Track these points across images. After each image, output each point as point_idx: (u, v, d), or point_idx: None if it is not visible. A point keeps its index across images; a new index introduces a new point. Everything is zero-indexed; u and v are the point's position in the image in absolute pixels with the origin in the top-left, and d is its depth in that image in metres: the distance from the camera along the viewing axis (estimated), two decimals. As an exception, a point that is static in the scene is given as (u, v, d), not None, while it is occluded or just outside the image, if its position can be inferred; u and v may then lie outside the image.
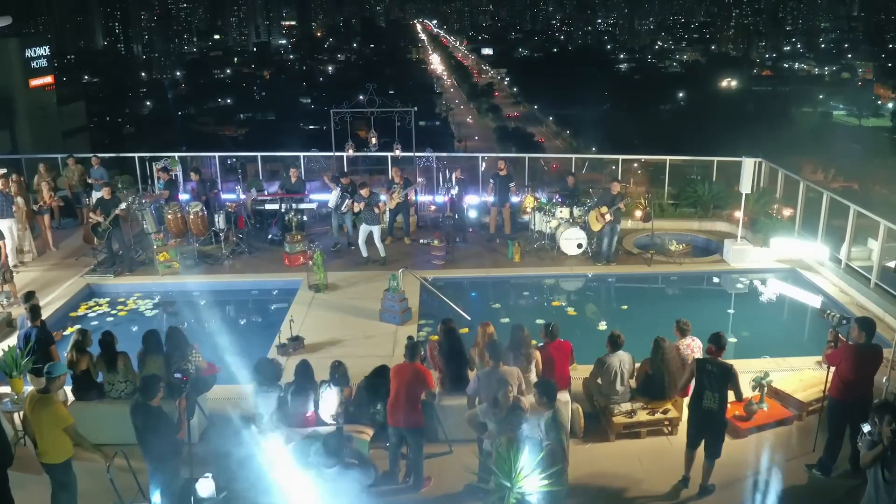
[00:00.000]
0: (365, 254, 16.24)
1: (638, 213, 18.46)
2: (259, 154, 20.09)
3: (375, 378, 10.10)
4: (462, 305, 14.19)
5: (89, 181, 18.85)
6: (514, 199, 17.76)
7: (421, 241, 17.56)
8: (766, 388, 10.35)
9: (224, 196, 19.17)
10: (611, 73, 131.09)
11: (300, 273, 15.32)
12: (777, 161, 18.49)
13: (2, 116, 45.68)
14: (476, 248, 17.34)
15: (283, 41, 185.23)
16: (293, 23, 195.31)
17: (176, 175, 18.99)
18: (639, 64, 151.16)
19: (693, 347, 10.32)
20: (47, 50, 49.10)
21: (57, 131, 49.81)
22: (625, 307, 14.36)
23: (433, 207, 19.07)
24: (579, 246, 16.44)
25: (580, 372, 10.82)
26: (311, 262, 14.84)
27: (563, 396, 9.73)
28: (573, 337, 11.22)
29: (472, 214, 18.32)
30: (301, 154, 19.95)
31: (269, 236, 17.67)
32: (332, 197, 17.10)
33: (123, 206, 15.86)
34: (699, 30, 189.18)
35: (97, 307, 15.00)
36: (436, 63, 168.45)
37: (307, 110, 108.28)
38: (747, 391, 9.88)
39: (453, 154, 19.34)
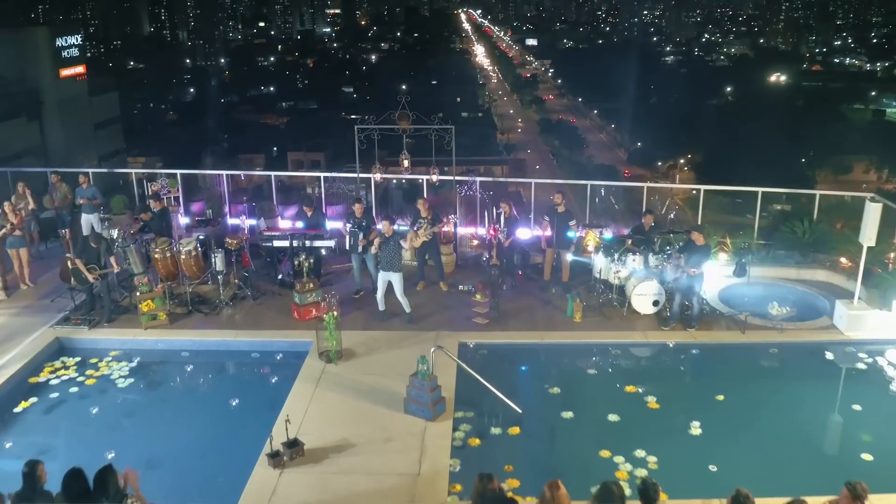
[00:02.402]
0: (382, 307, 12.95)
1: (723, 256, 14.93)
2: (272, 174, 16.79)
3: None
4: (510, 387, 10.90)
5: (78, 202, 15.80)
6: (571, 232, 14.20)
7: (460, 287, 14.23)
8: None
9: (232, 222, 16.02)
10: (657, 66, 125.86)
11: (311, 332, 12.06)
12: (827, 161, 14.74)
13: (30, 108, 43.11)
14: (527, 299, 13.94)
15: (327, 29, 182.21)
16: (337, 11, 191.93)
17: (176, 199, 15.87)
18: (685, 57, 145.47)
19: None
20: (79, 39, 46.40)
21: (88, 123, 47.23)
22: (720, 398, 10.83)
23: (476, 243, 15.65)
24: (655, 303, 12.99)
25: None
26: (323, 322, 11.57)
27: None
28: (660, 447, 8.75)
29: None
30: (321, 175, 16.65)
31: (280, 276, 14.47)
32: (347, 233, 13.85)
33: (116, 269, 12.89)
34: (747, 23, 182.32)
35: (63, 371, 11.94)
36: (479, 53, 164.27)
37: (349, 100, 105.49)
38: None
39: (501, 180, 15.90)
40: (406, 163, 14.88)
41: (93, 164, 46.27)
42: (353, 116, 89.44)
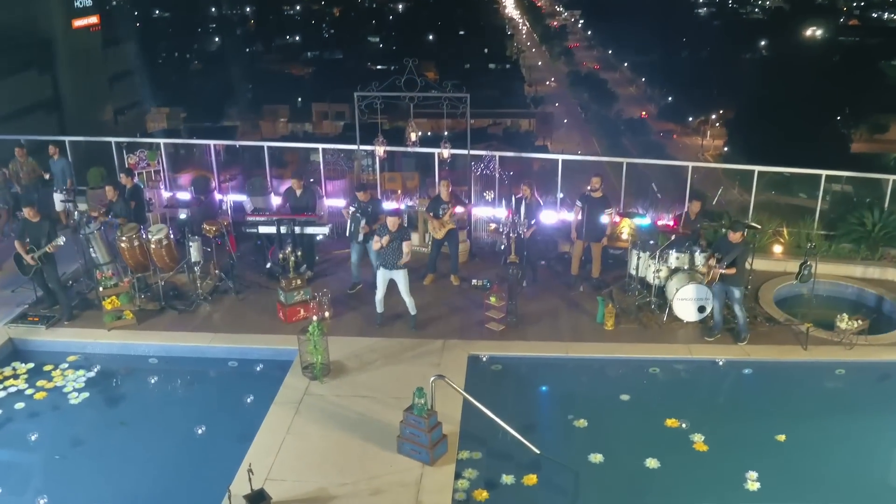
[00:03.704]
0: (381, 309, 10.94)
1: (777, 249, 12.74)
2: (265, 144, 14.63)
3: None
4: (527, 416, 9.00)
5: (46, 177, 13.88)
6: (605, 218, 11.98)
7: (473, 282, 12.20)
8: None
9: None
10: (689, 19, 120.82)
11: (295, 339, 10.07)
12: (863, 119, 12.38)
13: (42, 60, 41.09)
14: (550, 299, 11.86)
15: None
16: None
17: (156, 172, 13.88)
18: (718, 9, 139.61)
19: None
20: (92, -13, 44.29)
21: (102, 76, 45.25)
22: (781, 438, 8.74)
23: (493, 226, 13.53)
24: (702, 309, 10.88)
25: None
26: (308, 330, 9.58)
27: None
28: None
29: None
30: (321, 146, 14.52)
31: (268, 265, 12.52)
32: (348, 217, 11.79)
33: (61, 241, 10.85)
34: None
35: (12, 380, 10.14)
36: (508, 4, 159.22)
37: (375, 50, 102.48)
38: None
39: (524, 155, 13.63)
40: (413, 136, 12.73)
41: (108, 118, 44.50)
42: (378, 67, 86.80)
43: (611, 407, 9.42)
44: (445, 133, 12.70)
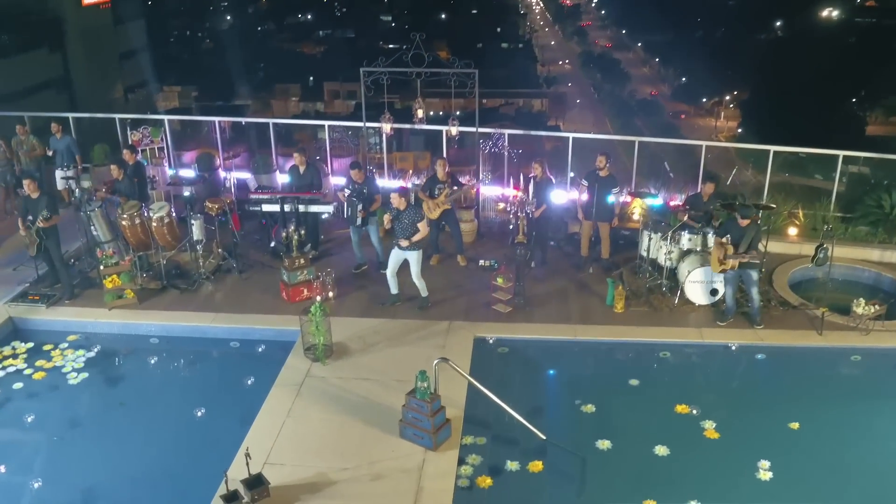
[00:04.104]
0: (395, 290, 10.68)
1: (792, 231, 12.39)
2: (270, 121, 14.35)
3: None
4: (534, 400, 8.79)
5: (49, 153, 13.65)
6: (612, 198, 11.60)
7: (481, 262, 11.93)
8: None
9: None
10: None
11: (297, 320, 9.82)
12: (879, 102, 11.98)
13: (51, 39, 40.79)
14: (559, 279, 11.58)
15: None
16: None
17: (159, 149, 13.63)
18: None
19: None
20: (101, -37, 43.89)
21: (113, 54, 44.95)
22: (795, 426, 8.42)
23: (502, 206, 13.22)
24: (714, 293, 10.58)
25: None
26: (310, 311, 9.33)
27: None
28: (721, 496, 7.18)
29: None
30: (326, 123, 14.20)
31: (272, 244, 12.28)
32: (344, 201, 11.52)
33: (48, 214, 10.60)
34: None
35: (11, 360, 9.95)
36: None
37: (387, 28, 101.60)
38: None
39: (533, 133, 13.27)
40: (420, 112, 12.40)
41: (118, 96, 44.24)
42: (390, 46, 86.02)
43: (620, 392, 9.15)
44: (457, 112, 12.22)
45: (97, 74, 40.66)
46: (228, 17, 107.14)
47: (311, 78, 79.82)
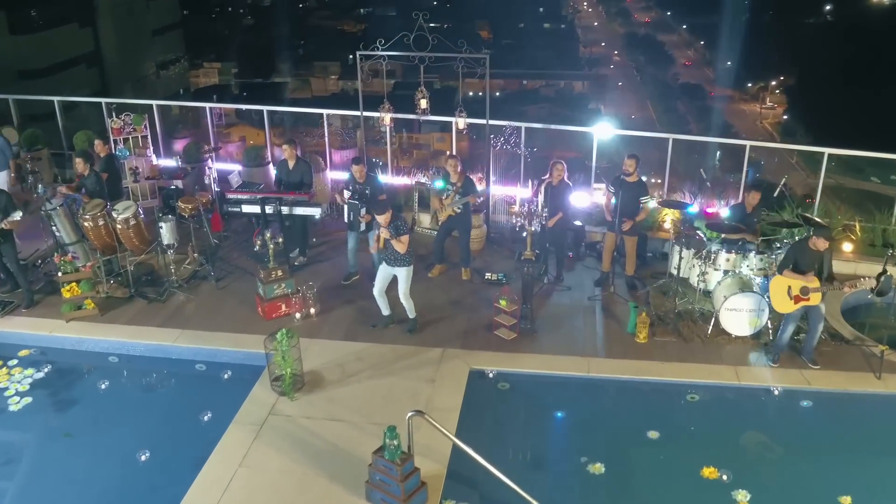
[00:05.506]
0: (386, 311, 9.20)
1: (847, 247, 10.64)
2: (265, 108, 12.90)
3: None
4: (534, 452, 7.32)
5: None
6: (642, 214, 9.96)
7: (487, 276, 10.40)
8: None
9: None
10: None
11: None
12: None
13: (82, 13, 39.84)
14: (574, 299, 10.00)
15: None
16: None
17: (143, 138, 12.29)
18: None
19: None
20: (133, -63, 42.79)
21: (145, 29, 43.95)
22: (847, 501, 6.81)
23: (515, 209, 11.64)
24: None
25: None
26: (276, 338, 7.90)
27: None
28: None
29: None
30: (325, 111, 12.71)
31: (255, 248, 10.85)
32: (344, 204, 10.05)
33: (17, 216, 9.31)
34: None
35: (-48, 378, 8.76)
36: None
37: (429, 6, 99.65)
38: None
39: (552, 127, 11.60)
40: (423, 103, 10.85)
41: (150, 73, 43.26)
42: (432, 24, 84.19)
43: (635, 447, 7.58)
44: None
45: (129, 50, 39.70)
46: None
47: (351, 56, 78.42)
